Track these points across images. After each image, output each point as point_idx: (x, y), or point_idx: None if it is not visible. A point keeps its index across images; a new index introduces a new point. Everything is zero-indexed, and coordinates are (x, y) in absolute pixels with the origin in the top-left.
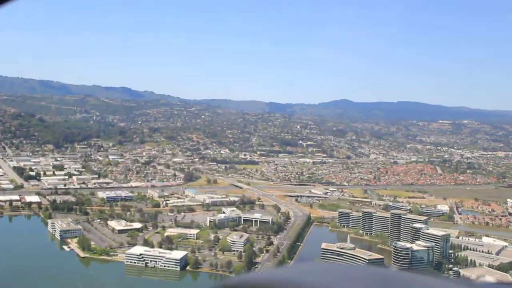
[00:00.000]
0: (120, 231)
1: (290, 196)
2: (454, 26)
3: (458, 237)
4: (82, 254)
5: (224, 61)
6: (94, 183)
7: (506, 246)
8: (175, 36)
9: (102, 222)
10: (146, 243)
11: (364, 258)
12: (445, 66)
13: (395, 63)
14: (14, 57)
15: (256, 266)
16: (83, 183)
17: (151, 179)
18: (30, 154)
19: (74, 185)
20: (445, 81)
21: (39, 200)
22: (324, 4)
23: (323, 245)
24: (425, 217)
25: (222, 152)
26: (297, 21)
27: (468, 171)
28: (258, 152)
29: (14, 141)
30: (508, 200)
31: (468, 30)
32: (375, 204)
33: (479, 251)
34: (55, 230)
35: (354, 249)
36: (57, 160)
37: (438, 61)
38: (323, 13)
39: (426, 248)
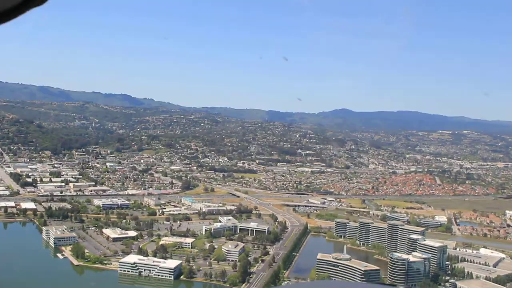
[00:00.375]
0: (115, 239)
1: (288, 205)
2: (455, 36)
3: (455, 249)
4: (75, 262)
5: (225, 70)
6: (91, 191)
7: (503, 258)
8: (176, 44)
9: (97, 230)
10: (141, 251)
11: (360, 269)
12: (445, 75)
13: (395, 73)
14: (14, 63)
15: (251, 276)
16: (80, 190)
17: (148, 187)
18: (28, 160)
19: (70, 192)
20: (445, 90)
21: (34, 207)
22: (323, 13)
23: (319, 256)
24: (423, 228)
25: (220, 160)
26: (298, 31)
27: (467, 182)
28: (257, 161)
29: (12, 147)
30: (507, 211)
31: (470, 40)
32: (373, 214)
33: (477, 263)
34: (49, 238)
35: (350, 259)
36: (55, 167)
37: (438, 70)
38: (323, 22)
39: (422, 260)
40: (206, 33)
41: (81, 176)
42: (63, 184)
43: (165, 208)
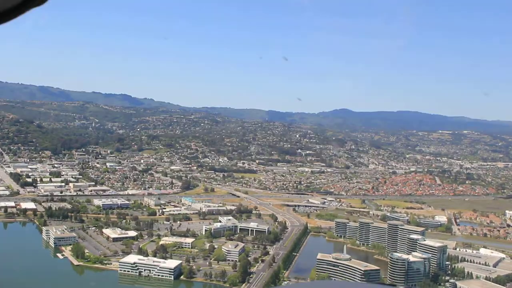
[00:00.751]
0: (115, 239)
1: (288, 205)
2: (455, 36)
3: (455, 249)
4: (75, 262)
5: (225, 70)
6: (91, 191)
7: (503, 258)
8: (176, 44)
9: (97, 230)
10: (141, 251)
11: (360, 269)
12: (445, 75)
13: (395, 73)
14: (14, 63)
15: (251, 276)
16: (80, 190)
17: (148, 187)
18: (28, 160)
19: (70, 192)
20: (445, 90)
21: (34, 207)
22: (323, 13)
23: (319, 256)
24: (423, 228)
25: (220, 160)
26: (298, 31)
27: (467, 182)
28: (257, 161)
29: (12, 147)
30: (507, 211)
31: (470, 40)
32: (373, 214)
33: (477, 263)
34: (49, 238)
35: (350, 259)
36: (55, 167)
37: (438, 70)
38: (323, 22)
39: (422, 260)
40: (206, 33)
41: (81, 176)
42: (63, 184)
43: (165, 208)
